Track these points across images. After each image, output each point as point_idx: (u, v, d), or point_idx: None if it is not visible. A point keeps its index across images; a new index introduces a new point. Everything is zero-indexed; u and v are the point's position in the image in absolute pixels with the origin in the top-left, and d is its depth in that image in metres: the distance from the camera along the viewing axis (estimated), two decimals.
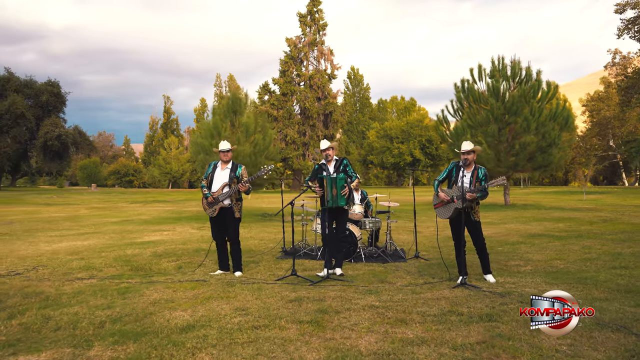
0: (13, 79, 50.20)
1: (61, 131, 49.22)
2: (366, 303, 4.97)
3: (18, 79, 50.66)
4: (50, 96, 50.82)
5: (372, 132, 67.40)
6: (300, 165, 43.65)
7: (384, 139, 62.37)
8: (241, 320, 4.40)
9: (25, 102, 49.46)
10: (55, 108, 52.40)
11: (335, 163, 6.57)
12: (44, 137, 47.80)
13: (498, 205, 20.30)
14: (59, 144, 48.80)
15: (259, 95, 47.31)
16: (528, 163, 18.42)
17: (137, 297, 5.27)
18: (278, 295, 5.32)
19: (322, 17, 45.52)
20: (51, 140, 47.88)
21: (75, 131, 53.17)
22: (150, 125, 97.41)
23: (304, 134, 44.61)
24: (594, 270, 6.65)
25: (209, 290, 5.54)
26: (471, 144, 6.22)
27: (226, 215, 6.46)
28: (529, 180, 58.59)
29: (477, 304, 4.94)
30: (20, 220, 16.49)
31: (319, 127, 44.42)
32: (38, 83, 51.48)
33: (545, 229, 11.64)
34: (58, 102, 52.40)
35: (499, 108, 18.10)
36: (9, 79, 49.97)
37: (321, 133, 44.34)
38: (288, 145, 43.66)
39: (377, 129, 66.03)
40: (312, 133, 44.39)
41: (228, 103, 17.00)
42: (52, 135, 47.86)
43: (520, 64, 18.95)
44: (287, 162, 43.93)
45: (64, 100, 53.33)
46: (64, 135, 49.10)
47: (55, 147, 48.59)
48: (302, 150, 44.26)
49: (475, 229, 6.21)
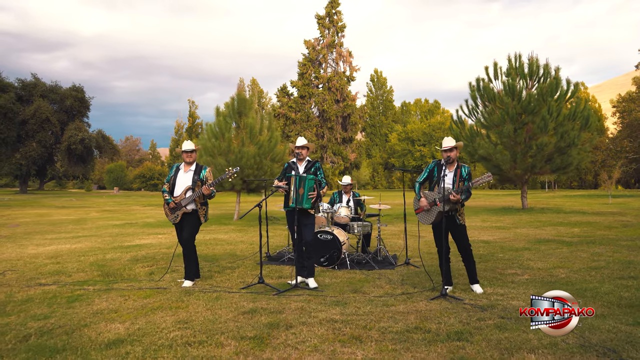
0: (39, 85, 51.30)
1: (85, 135, 50.02)
2: (326, 316, 4.47)
3: (44, 85, 51.76)
4: (75, 101, 51.75)
5: (394, 135, 66.58)
6: None
7: (405, 142, 61.51)
8: (178, 335, 3.97)
9: (51, 107, 50.49)
10: (80, 112, 53.37)
11: (306, 164, 6.08)
12: (68, 141, 48.64)
13: (514, 209, 19.43)
14: (83, 148, 49.58)
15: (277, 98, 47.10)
16: (546, 165, 17.52)
17: (84, 307, 4.89)
18: (233, 305, 4.87)
19: (340, 18, 45.07)
20: (75, 144, 48.68)
21: (98, 135, 54.00)
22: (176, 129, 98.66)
23: (322, 137, 44.15)
24: (597, 280, 6.00)
25: (161, 300, 5.13)
26: (453, 140, 5.66)
27: (191, 221, 6.03)
28: (555, 183, 56.79)
29: (451, 319, 4.40)
30: (28, 222, 16.51)
31: (338, 129, 43.89)
32: (63, 88, 52.50)
33: (557, 234, 10.89)
34: (82, 106, 53.34)
35: (515, 107, 17.29)
36: (35, 85, 51.09)
37: (339, 135, 43.82)
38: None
39: (398, 131, 65.21)
40: (330, 135, 43.89)
41: (233, 104, 16.67)
42: (75, 139, 48.67)
43: (539, 62, 18.09)
44: None
45: (88, 104, 54.26)
46: (87, 140, 49.85)
47: (78, 151, 49.38)
48: (320, 153, 43.78)
49: (460, 233, 5.64)
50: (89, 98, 54.30)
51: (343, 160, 43.91)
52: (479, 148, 18.13)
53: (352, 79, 44.85)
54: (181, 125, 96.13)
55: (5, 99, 46.32)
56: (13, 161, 48.03)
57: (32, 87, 50.61)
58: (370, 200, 8.95)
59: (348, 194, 8.49)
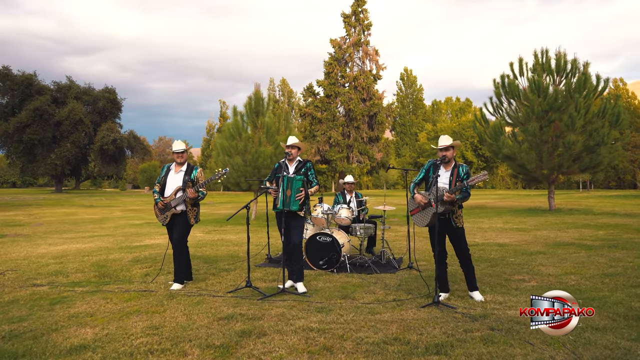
0: (73, 87, 52.80)
1: (116, 136, 51.16)
2: (304, 324, 4.26)
3: (78, 87, 53.24)
4: (107, 102, 53.05)
5: (423, 134, 65.65)
6: (344, 167, 42.88)
7: (434, 141, 60.49)
8: (143, 342, 3.83)
9: (84, 108, 51.88)
10: (112, 114, 54.66)
11: (297, 164, 5.87)
12: (101, 141, 49.85)
13: (540, 210, 18.71)
14: (115, 148, 50.71)
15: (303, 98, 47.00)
16: (574, 164, 16.79)
17: (63, 309, 4.83)
18: (212, 311, 4.72)
19: (366, 16, 44.59)
20: (107, 145, 49.84)
21: (130, 136, 55.13)
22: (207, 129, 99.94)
23: (348, 136, 43.80)
24: (609, 288, 5.59)
25: (142, 303, 5.02)
26: (449, 138, 5.35)
27: (180, 222, 5.91)
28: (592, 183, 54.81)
29: (435, 329, 4.12)
30: (52, 222, 16.87)
31: (364, 128, 43.45)
32: (96, 90, 53.88)
33: (579, 237, 10.35)
34: (114, 108, 54.62)
35: (541, 104, 16.62)
36: (70, 87, 52.61)
37: (366, 135, 43.38)
38: (332, 148, 42.98)
39: (428, 130, 64.25)
40: (356, 135, 43.48)
41: (250, 104, 16.61)
42: (107, 139, 49.83)
43: (566, 57, 17.35)
44: (330, 165, 43.28)
45: (120, 106, 55.53)
46: (119, 140, 50.96)
47: (110, 151, 50.53)
48: (346, 153, 43.44)
49: (457, 236, 5.33)
50: (120, 99, 55.61)
51: (369, 160, 43.45)
52: (503, 147, 17.54)
53: (378, 77, 44.33)
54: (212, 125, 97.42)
55: (41, 101, 47.87)
56: (48, 161, 49.52)
57: (67, 90, 52.13)
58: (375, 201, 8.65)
59: (350, 194, 8.24)
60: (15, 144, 48.28)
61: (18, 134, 47.20)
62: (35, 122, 47.60)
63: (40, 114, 47.62)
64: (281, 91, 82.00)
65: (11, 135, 47.43)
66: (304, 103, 47.75)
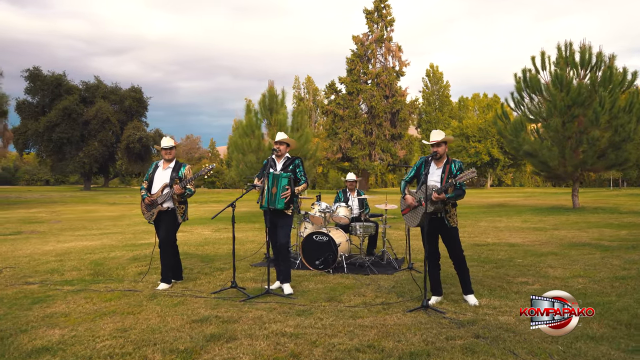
0: (101, 86, 53.89)
1: (142, 134, 51.98)
2: (278, 328, 4.07)
3: (105, 86, 54.32)
4: (133, 101, 53.95)
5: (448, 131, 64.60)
6: (366, 165, 42.46)
7: (459, 138, 59.44)
8: (106, 344, 3.71)
9: (111, 107, 52.90)
10: (138, 112, 55.57)
11: (285, 161, 5.67)
12: (127, 140, 50.74)
13: (564, 208, 18.04)
14: (140, 146, 51.50)
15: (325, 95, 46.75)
16: (599, 161, 16.11)
17: (42, 309, 4.77)
18: (189, 312, 4.57)
19: (389, 12, 43.97)
20: (133, 143, 50.69)
21: (155, 134, 55.88)
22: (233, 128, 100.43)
23: (371, 133, 43.32)
24: (617, 293, 5.23)
25: (120, 304, 4.91)
26: (442, 132, 5.06)
27: (167, 220, 5.80)
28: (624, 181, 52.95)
29: (416, 336, 3.87)
30: (71, 219, 17.13)
31: (386, 126, 42.89)
32: (122, 89, 54.84)
33: (598, 237, 9.86)
34: (140, 106, 55.51)
35: (563, 99, 15.99)
36: (98, 87, 53.71)
37: (388, 132, 42.83)
38: (354, 145, 42.58)
39: (452, 127, 63.19)
40: (379, 132, 42.97)
41: (263, 101, 16.51)
42: (134, 138, 50.68)
43: (591, 49, 16.64)
44: (352, 162, 42.90)
45: (146, 104, 56.39)
46: (145, 138, 51.73)
47: (137, 149, 51.36)
48: (369, 150, 42.98)
49: (450, 237, 5.05)
50: (146, 98, 56.46)
51: (392, 157, 42.89)
52: (524, 143, 16.98)
53: (401, 74, 43.69)
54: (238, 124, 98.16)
55: (69, 101, 49.04)
56: (77, 159, 50.71)
57: (95, 89, 53.24)
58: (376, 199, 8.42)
59: (353, 192, 8.01)
60: (46, 142, 49.62)
61: (48, 132, 48.49)
62: (64, 121, 48.80)
63: (69, 113, 48.79)
64: (306, 89, 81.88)
65: (41, 134, 48.77)
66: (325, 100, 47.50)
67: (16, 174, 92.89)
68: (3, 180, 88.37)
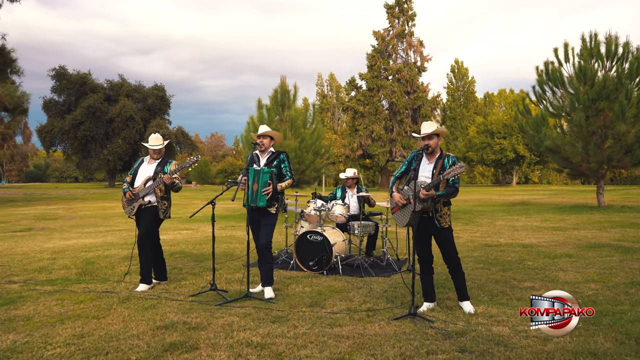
0: (125, 85, 54.57)
1: (165, 132, 52.38)
2: (246, 337, 3.75)
3: (129, 85, 54.98)
4: (156, 99, 54.44)
5: (472, 127, 63.29)
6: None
7: (484, 135, 58.13)
8: (56, 353, 3.45)
9: (134, 105, 53.52)
10: (161, 110, 56.05)
11: (269, 156, 5.33)
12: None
13: (588, 206, 17.23)
14: None
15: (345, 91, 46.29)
16: (625, 157, 15.29)
17: (7, 311, 4.56)
18: (157, 317, 4.29)
19: (410, 7, 43.18)
20: None
21: (178, 132, 56.34)
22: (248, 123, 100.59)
23: (391, 130, 42.67)
24: (631, 301, 4.74)
25: (89, 307, 4.67)
26: (433, 124, 4.65)
27: (147, 215, 5.54)
28: None
29: (394, 348, 3.50)
30: (84, 215, 17.19)
31: (407, 122, 42.20)
32: (145, 88, 55.39)
33: (620, 238, 9.24)
34: (163, 104, 55.99)
35: (587, 92, 15.22)
36: (122, 85, 54.42)
37: (409, 129, 42.11)
38: (374, 142, 42.02)
39: (477, 123, 61.90)
40: (399, 129, 42.30)
41: (275, 96, 16.21)
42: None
43: (618, 40, 15.79)
44: (373, 160, 42.36)
45: (169, 102, 56.85)
46: (167, 136, 52.13)
47: None
48: (389, 147, 42.35)
49: (443, 239, 4.63)
50: (169, 96, 56.93)
51: None
52: (545, 139, 16.26)
53: (423, 69, 42.88)
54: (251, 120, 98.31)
55: (94, 99, 49.81)
56: (101, 157, 51.51)
57: (119, 87, 53.95)
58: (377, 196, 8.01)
59: (352, 189, 7.62)
60: (71, 140, 50.53)
61: (73, 130, 49.35)
62: (89, 119, 49.58)
63: (93, 111, 49.56)
64: (329, 86, 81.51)
65: (67, 132, 49.68)
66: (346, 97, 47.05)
67: (47, 171, 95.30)
68: (35, 178, 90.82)
